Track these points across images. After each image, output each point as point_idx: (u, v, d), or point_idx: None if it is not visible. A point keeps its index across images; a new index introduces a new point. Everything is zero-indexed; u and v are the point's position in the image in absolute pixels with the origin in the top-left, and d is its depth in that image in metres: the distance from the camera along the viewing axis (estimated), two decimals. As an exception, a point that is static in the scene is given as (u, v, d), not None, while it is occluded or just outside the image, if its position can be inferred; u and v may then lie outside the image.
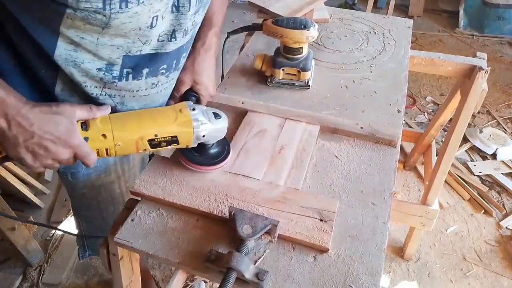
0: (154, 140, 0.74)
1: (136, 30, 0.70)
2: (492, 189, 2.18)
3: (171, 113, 0.76)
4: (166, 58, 0.81)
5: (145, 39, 0.74)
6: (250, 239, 0.68)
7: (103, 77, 0.77)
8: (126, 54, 0.75)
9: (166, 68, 0.83)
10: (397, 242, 1.90)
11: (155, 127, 0.74)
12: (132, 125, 0.74)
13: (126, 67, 0.78)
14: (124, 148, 0.74)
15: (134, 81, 0.80)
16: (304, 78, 1.10)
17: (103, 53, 0.73)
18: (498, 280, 1.78)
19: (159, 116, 0.76)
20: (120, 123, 0.74)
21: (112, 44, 0.72)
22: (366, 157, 0.91)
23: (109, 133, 0.72)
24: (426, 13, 3.84)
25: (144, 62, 0.79)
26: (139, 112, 0.79)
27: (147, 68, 0.80)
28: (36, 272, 1.77)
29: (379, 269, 0.70)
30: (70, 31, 0.68)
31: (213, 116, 0.79)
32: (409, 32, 1.42)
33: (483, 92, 1.34)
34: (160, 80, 0.84)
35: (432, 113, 2.67)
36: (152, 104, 0.89)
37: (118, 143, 0.73)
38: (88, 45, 0.71)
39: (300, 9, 1.36)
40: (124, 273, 0.83)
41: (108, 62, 0.75)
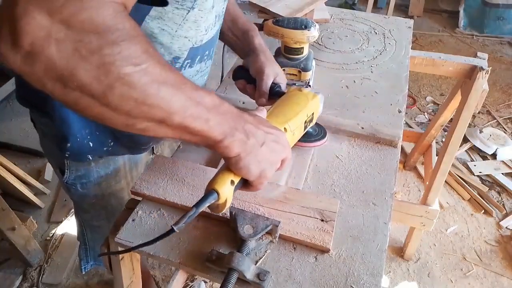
0: (306, 122, 0.78)
1: (208, 11, 0.74)
2: (492, 189, 2.18)
3: (299, 95, 0.80)
4: (209, 44, 0.85)
5: (207, 24, 0.77)
6: (251, 240, 0.68)
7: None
8: (193, 46, 0.79)
9: (207, 54, 0.87)
10: (397, 242, 1.90)
11: (303, 108, 0.77)
12: (292, 113, 0.76)
13: (188, 58, 0.81)
14: (296, 137, 0.76)
15: (188, 69, 0.84)
16: (305, 78, 1.10)
17: (175, 46, 0.76)
18: (498, 280, 1.78)
19: (296, 100, 0.79)
20: (283, 115, 0.75)
21: (186, 36, 0.75)
22: (367, 157, 0.91)
23: (286, 125, 0.73)
24: (426, 13, 3.84)
25: (199, 51, 0.82)
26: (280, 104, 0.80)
27: (199, 56, 0.84)
28: (36, 272, 1.77)
29: (380, 269, 0.70)
30: (153, 22, 0.70)
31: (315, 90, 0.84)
32: (409, 32, 1.42)
33: (484, 92, 1.34)
34: (201, 67, 0.88)
35: (432, 113, 2.67)
36: None
37: (294, 132, 0.74)
38: (165, 38, 0.73)
39: (300, 9, 1.36)
40: (125, 273, 0.83)
41: (176, 55, 0.78)
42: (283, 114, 0.75)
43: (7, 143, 2.27)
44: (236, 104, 1.03)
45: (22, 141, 2.35)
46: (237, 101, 1.04)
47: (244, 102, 1.04)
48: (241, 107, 1.02)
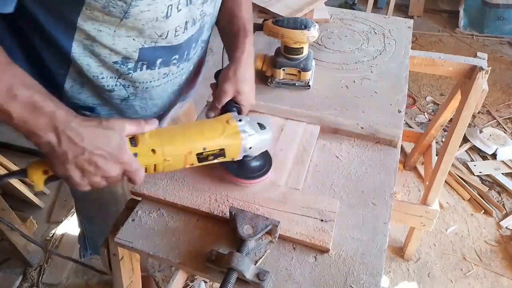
0: (202, 154, 0.71)
1: (152, 21, 0.71)
2: (492, 189, 2.18)
3: (218, 125, 0.73)
4: (178, 48, 0.82)
5: (160, 31, 0.74)
6: (250, 240, 0.68)
7: (119, 69, 0.78)
8: (142, 46, 0.76)
9: (177, 58, 0.84)
10: (397, 242, 1.90)
11: (203, 140, 0.71)
12: (180, 139, 0.70)
13: (141, 59, 0.79)
14: (172, 164, 0.70)
15: (148, 71, 0.82)
16: (305, 78, 1.10)
17: (120, 46, 0.74)
18: (498, 280, 1.78)
19: (206, 129, 0.73)
20: (168, 137, 0.70)
21: (128, 35, 0.73)
22: (366, 157, 0.91)
23: (159, 148, 0.68)
24: (426, 13, 3.84)
25: (158, 53, 0.80)
26: (186, 126, 0.76)
27: (161, 59, 0.81)
28: (36, 272, 1.77)
29: (380, 269, 0.70)
30: (87, 24, 0.69)
31: (259, 127, 0.76)
32: (409, 32, 1.42)
33: (484, 92, 1.34)
34: (171, 70, 0.85)
35: (432, 113, 2.67)
36: (162, 94, 0.90)
37: (167, 158, 0.69)
38: (105, 39, 0.72)
39: (300, 9, 1.36)
40: (125, 273, 0.83)
41: (124, 56, 0.76)
42: (167, 137, 0.70)
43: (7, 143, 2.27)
44: (236, 104, 1.03)
45: (22, 141, 2.34)
46: (237, 101, 1.04)
47: (244, 102, 1.03)
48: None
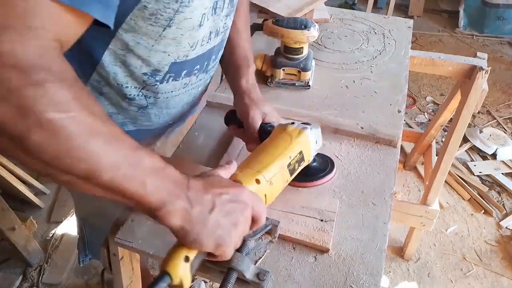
0: (290, 164, 0.69)
1: (190, 30, 0.71)
2: (492, 189, 2.18)
3: (282, 135, 0.73)
4: (200, 58, 0.82)
5: (192, 41, 0.75)
6: (250, 239, 0.68)
7: (146, 80, 0.78)
8: (175, 61, 0.76)
9: (198, 68, 0.84)
10: (397, 242, 1.90)
11: (285, 151, 0.70)
12: (268, 160, 0.67)
13: (171, 72, 0.79)
14: (276, 187, 0.67)
15: (172, 82, 0.82)
16: (305, 78, 1.10)
17: (154, 59, 0.74)
18: (498, 280, 1.78)
19: (277, 142, 0.72)
20: (258, 164, 0.67)
21: (165, 51, 0.73)
22: (366, 157, 0.91)
23: (260, 175, 0.65)
24: (426, 13, 3.84)
25: (185, 65, 0.80)
26: (260, 149, 0.72)
27: (185, 70, 0.81)
28: (36, 272, 1.77)
29: (380, 269, 0.70)
30: (127, 34, 0.68)
31: (307, 124, 0.75)
32: (409, 32, 1.42)
33: (483, 92, 1.34)
34: (191, 80, 0.86)
35: (432, 113, 2.67)
36: (179, 103, 0.90)
37: (271, 182, 0.66)
38: (141, 51, 0.71)
39: (300, 9, 1.36)
40: (125, 273, 0.83)
41: (155, 68, 0.76)
42: (257, 163, 0.67)
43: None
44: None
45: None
46: (236, 101, 1.04)
47: (244, 102, 1.03)
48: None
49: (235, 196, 0.57)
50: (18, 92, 0.40)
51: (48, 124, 0.41)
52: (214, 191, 0.56)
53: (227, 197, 0.56)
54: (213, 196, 0.55)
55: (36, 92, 0.41)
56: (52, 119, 0.41)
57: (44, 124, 0.41)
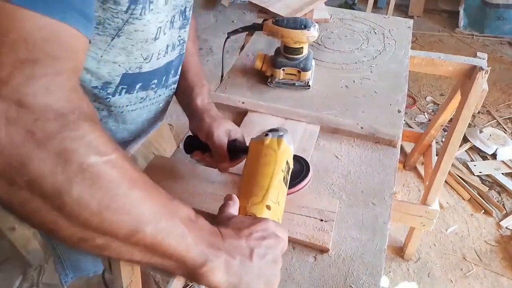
0: (284, 178, 0.68)
1: (142, 42, 0.69)
2: (492, 189, 2.18)
3: (264, 151, 0.70)
4: (157, 72, 0.79)
5: (146, 54, 0.73)
6: (250, 239, 0.68)
7: (97, 93, 0.75)
8: (126, 72, 0.73)
9: (156, 83, 0.82)
10: (397, 242, 1.90)
11: (275, 166, 0.68)
12: (265, 180, 0.66)
13: (123, 84, 0.75)
14: (281, 204, 0.66)
15: (126, 95, 0.79)
16: (305, 78, 1.10)
17: (103, 71, 0.71)
18: (498, 280, 1.78)
19: (265, 159, 0.69)
20: (257, 188, 0.65)
21: (115, 61, 0.70)
22: (366, 157, 0.91)
23: (268, 201, 0.63)
24: (426, 13, 3.83)
25: (139, 78, 0.77)
26: (248, 171, 0.71)
27: (140, 83, 0.79)
28: (36, 272, 1.77)
29: (380, 269, 0.70)
30: None
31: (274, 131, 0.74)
32: (409, 32, 1.42)
33: (483, 92, 1.34)
34: (148, 95, 0.83)
35: (432, 113, 2.67)
36: (137, 119, 0.86)
37: (278, 201, 0.65)
38: (90, 63, 0.69)
39: (300, 9, 1.36)
40: (124, 273, 0.83)
41: (105, 81, 0.73)
42: (258, 188, 0.65)
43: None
44: (236, 103, 1.03)
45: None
46: (236, 100, 1.04)
47: (244, 102, 1.04)
48: (240, 106, 1.02)
49: (264, 231, 0.54)
50: (57, 136, 0.36)
51: (90, 169, 0.37)
52: (244, 233, 0.52)
53: (259, 235, 0.53)
54: (246, 240, 0.52)
55: (76, 134, 0.37)
56: (94, 163, 0.37)
57: (86, 170, 0.37)
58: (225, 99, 1.05)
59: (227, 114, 1.03)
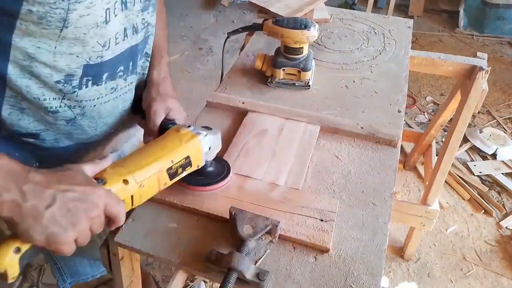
0: (172, 168, 0.69)
1: (93, 27, 0.68)
2: (492, 189, 2.18)
3: (173, 137, 0.72)
4: (120, 59, 0.78)
5: (103, 40, 0.71)
6: (250, 239, 0.68)
7: (62, 89, 0.74)
8: (87, 63, 0.72)
9: (123, 70, 0.81)
10: (397, 242, 1.90)
11: (168, 154, 0.68)
12: (147, 160, 0.66)
13: (87, 75, 0.75)
14: (147, 189, 0.66)
15: (94, 87, 0.78)
16: (305, 78, 1.10)
17: (62, 64, 0.70)
18: (498, 280, 1.78)
19: (165, 143, 0.71)
20: (134, 163, 0.66)
21: (71, 52, 0.69)
22: (366, 157, 0.91)
23: (129, 176, 0.63)
24: (426, 13, 3.83)
25: (102, 67, 0.76)
26: (145, 148, 0.72)
27: (106, 72, 0.78)
28: (36, 272, 1.77)
29: (380, 269, 0.70)
30: (24, 41, 0.65)
31: (206, 129, 0.75)
32: (409, 32, 1.42)
33: (483, 92, 1.34)
34: (118, 84, 0.82)
35: (432, 113, 2.67)
36: (113, 111, 0.86)
37: (142, 184, 0.65)
38: (45, 56, 0.68)
39: (300, 9, 1.36)
40: (125, 273, 0.83)
41: (67, 73, 0.72)
42: (133, 162, 0.65)
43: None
44: (236, 103, 1.03)
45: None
46: (236, 100, 1.04)
47: (244, 102, 1.04)
48: (240, 106, 1.02)
49: (83, 195, 0.56)
50: None
51: None
52: (59, 187, 0.55)
53: (73, 195, 0.55)
54: (56, 192, 0.54)
55: None
56: None
57: None
58: (225, 99, 1.05)
59: (227, 114, 1.03)
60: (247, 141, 0.93)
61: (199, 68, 2.92)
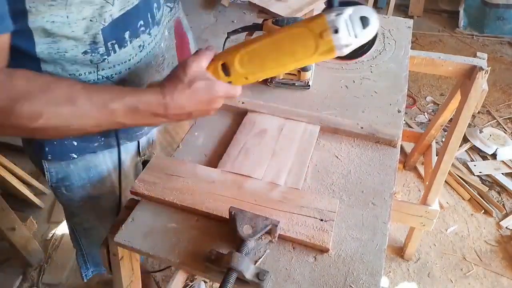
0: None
1: None
2: (492, 189, 2.18)
3: (310, 41, 0.64)
4: (137, 13, 0.78)
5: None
6: (250, 239, 0.68)
7: (92, 59, 0.76)
8: (103, 26, 0.73)
9: (143, 24, 0.80)
10: (397, 242, 1.90)
11: (295, 62, 0.67)
12: (271, 64, 0.69)
13: (109, 39, 0.75)
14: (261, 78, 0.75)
15: (121, 50, 0.79)
16: (304, 78, 1.10)
17: (80, 32, 0.71)
18: (498, 280, 1.78)
19: (297, 48, 0.65)
20: (259, 64, 0.70)
21: (84, 17, 0.70)
22: (366, 157, 0.91)
23: (251, 76, 0.72)
24: (426, 13, 3.83)
25: (121, 26, 0.76)
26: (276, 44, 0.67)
27: (128, 31, 0.78)
28: (36, 272, 1.77)
29: (380, 269, 0.70)
30: (39, 20, 0.66)
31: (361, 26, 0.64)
32: (409, 32, 1.42)
33: (483, 92, 1.34)
34: (144, 40, 0.82)
35: (432, 113, 2.67)
36: (152, 69, 0.87)
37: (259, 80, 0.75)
38: (63, 29, 0.69)
39: (300, 9, 1.36)
40: (125, 273, 0.83)
41: (90, 41, 0.73)
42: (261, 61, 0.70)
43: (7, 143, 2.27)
44: (236, 103, 1.03)
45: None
46: (236, 101, 1.04)
47: (244, 102, 1.04)
48: (240, 106, 1.02)
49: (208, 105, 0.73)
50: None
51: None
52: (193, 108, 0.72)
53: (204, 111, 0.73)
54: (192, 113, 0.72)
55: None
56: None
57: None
58: (225, 99, 1.05)
59: (227, 114, 1.03)
60: (246, 141, 0.93)
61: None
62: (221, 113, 1.03)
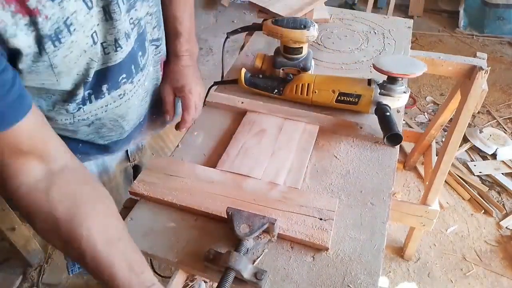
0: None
1: (82, 55, 0.65)
2: (492, 189, 2.18)
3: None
4: (120, 68, 0.74)
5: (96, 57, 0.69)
6: (247, 238, 0.68)
7: (67, 108, 0.73)
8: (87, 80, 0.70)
9: (126, 76, 0.77)
10: (397, 242, 1.90)
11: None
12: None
13: (85, 90, 0.72)
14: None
15: (98, 101, 0.76)
16: (304, 78, 1.10)
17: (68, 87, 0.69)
18: (498, 280, 1.78)
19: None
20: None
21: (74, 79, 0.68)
22: (365, 157, 0.91)
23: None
24: (426, 13, 3.83)
25: (99, 79, 0.73)
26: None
27: (106, 84, 0.75)
28: (36, 272, 1.77)
29: (378, 269, 0.70)
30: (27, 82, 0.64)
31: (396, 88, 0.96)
32: (409, 32, 1.42)
33: (483, 92, 1.34)
34: (125, 89, 0.79)
35: (432, 113, 2.67)
36: (133, 107, 0.85)
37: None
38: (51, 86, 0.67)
39: (300, 9, 1.36)
40: (123, 272, 0.83)
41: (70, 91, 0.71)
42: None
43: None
44: (235, 103, 1.03)
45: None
46: (235, 100, 1.04)
47: (243, 102, 1.04)
48: (240, 106, 1.02)
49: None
50: None
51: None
52: None
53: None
54: None
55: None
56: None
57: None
58: (224, 99, 1.05)
59: (226, 114, 1.03)
60: (246, 140, 0.93)
61: (199, 68, 2.92)
62: (220, 113, 1.03)
